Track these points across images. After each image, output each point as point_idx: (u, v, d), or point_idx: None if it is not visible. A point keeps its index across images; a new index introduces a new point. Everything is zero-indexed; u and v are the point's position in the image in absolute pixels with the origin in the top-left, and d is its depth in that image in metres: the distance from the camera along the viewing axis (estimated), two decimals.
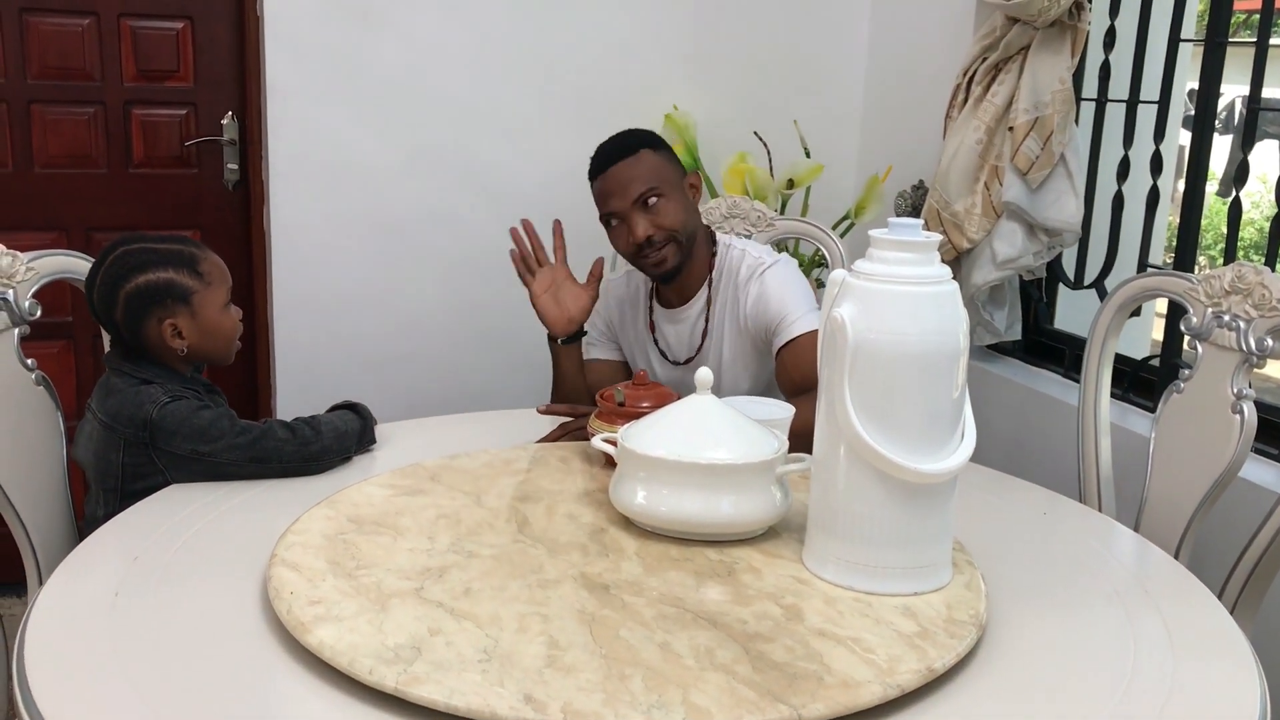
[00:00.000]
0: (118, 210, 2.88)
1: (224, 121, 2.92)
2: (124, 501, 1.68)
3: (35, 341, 1.81)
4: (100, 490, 1.74)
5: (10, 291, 1.78)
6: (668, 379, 2.13)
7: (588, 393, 2.09)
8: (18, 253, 1.80)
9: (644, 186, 1.98)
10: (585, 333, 2.10)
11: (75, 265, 1.89)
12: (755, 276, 2.06)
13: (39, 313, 1.82)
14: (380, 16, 2.83)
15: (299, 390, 2.94)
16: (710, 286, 2.11)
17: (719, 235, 2.18)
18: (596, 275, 2.06)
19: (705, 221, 2.40)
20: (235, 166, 2.95)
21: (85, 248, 2.80)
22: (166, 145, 2.91)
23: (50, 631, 1.27)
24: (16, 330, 1.79)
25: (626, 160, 2.00)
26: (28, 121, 2.78)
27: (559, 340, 2.05)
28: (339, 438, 1.76)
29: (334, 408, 1.86)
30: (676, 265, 2.03)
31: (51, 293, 1.87)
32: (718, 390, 1.59)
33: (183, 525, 1.54)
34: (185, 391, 1.73)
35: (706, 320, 2.11)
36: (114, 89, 2.83)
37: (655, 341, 2.17)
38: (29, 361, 1.81)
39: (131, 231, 1.88)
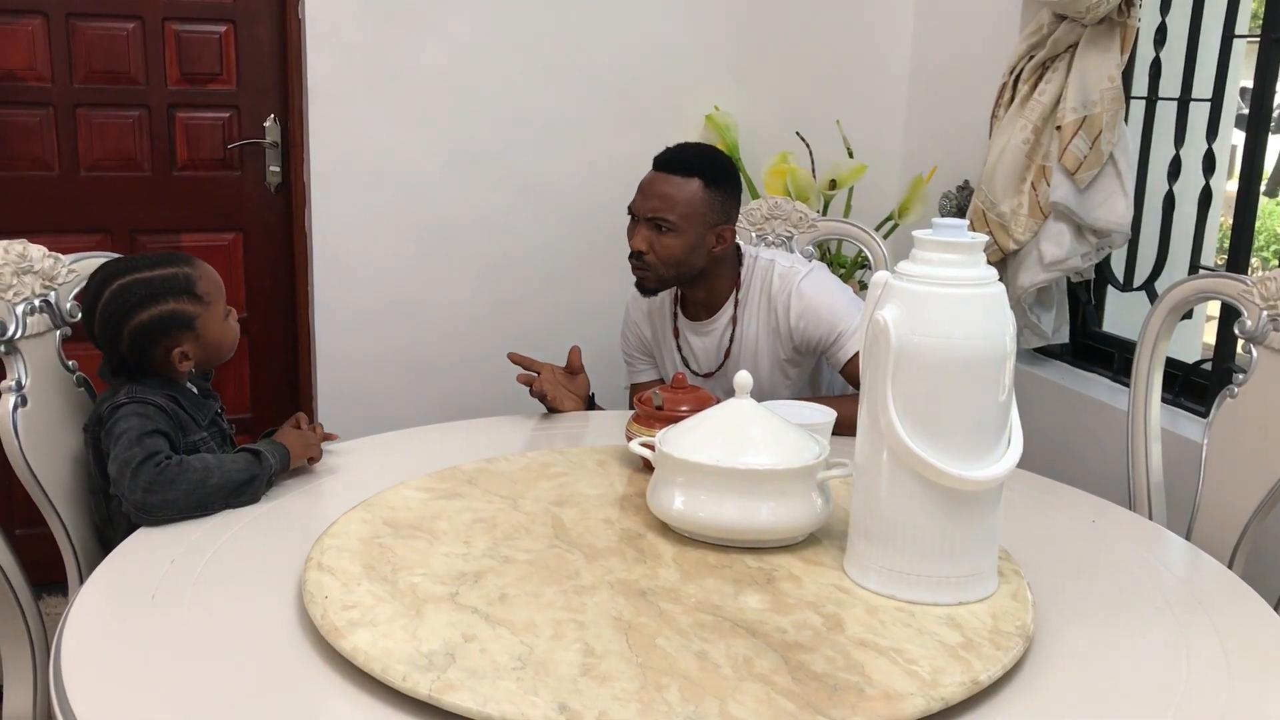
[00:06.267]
0: (161, 213, 2.90)
1: (266, 124, 2.94)
2: (109, 504, 1.67)
3: (77, 343, 1.82)
4: (99, 497, 1.74)
5: (52, 294, 1.78)
6: None
7: None
8: (60, 255, 1.81)
9: (662, 211, 1.99)
10: (595, 402, 2.14)
11: None
12: (793, 289, 2.06)
13: (80, 315, 1.83)
14: (421, 19, 2.83)
15: (339, 391, 2.95)
16: (737, 306, 2.10)
17: (745, 248, 2.16)
18: (576, 365, 2.09)
19: (745, 227, 2.39)
20: (277, 169, 2.96)
21: (129, 250, 2.83)
22: (209, 148, 2.92)
23: (87, 632, 1.27)
24: (58, 332, 1.80)
25: (674, 177, 2.01)
26: (73, 125, 2.81)
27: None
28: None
29: (240, 449, 1.68)
30: (652, 289, 2.08)
31: None
32: (757, 395, 1.57)
33: (221, 527, 1.54)
34: (150, 395, 1.66)
35: (733, 334, 2.10)
36: (158, 92, 2.85)
37: (679, 349, 2.17)
38: (70, 363, 1.82)
39: (117, 256, 1.82)
